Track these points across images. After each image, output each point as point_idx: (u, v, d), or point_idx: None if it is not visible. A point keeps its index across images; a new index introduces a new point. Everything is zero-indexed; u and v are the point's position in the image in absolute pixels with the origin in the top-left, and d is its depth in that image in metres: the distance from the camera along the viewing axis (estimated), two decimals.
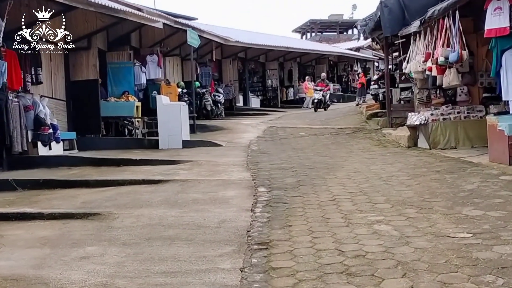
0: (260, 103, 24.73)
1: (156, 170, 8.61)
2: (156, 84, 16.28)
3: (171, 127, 11.66)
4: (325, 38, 45.09)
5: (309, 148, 10.89)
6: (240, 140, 12.37)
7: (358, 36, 13.84)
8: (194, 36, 14.91)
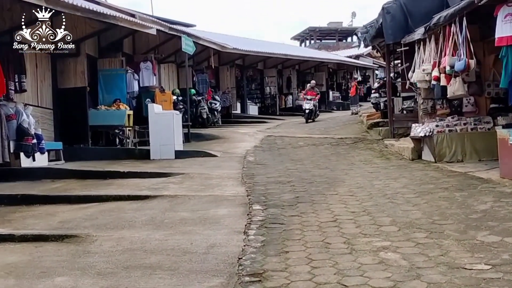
0: (258, 110, 24.26)
1: (145, 183, 8.10)
2: (150, 92, 15.79)
3: (163, 137, 11.16)
4: (324, 45, 44.74)
5: (308, 159, 10.39)
6: (236, 150, 11.87)
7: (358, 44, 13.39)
8: (189, 42, 14.45)
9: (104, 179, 8.73)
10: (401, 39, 10.10)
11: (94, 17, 10.36)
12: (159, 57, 16.64)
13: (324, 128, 15.44)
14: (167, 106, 15.46)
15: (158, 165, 10.11)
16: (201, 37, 17.47)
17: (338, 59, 29.79)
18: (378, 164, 9.44)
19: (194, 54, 19.06)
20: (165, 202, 6.71)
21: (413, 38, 9.47)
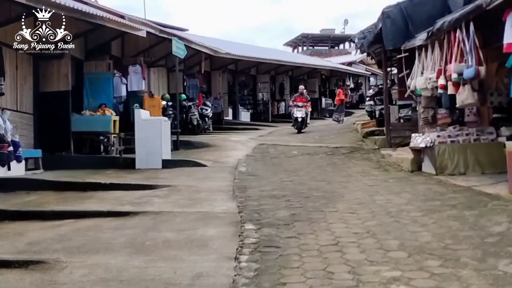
0: (251, 117, 23.67)
1: (127, 197, 7.45)
2: (139, 97, 15.14)
3: (150, 145, 10.51)
4: (316, 52, 44.32)
5: (303, 170, 9.80)
6: (227, 160, 11.25)
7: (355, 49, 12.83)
8: (180, 46, 13.85)
9: (84, 191, 8.06)
10: (401, 45, 9.57)
11: (80, 17, 9.74)
12: (148, 61, 16.01)
13: (318, 137, 14.87)
14: (156, 112, 14.84)
15: (144, 175, 9.46)
16: (193, 41, 16.88)
17: (331, 66, 29.33)
18: (376, 176, 8.87)
19: (186, 58, 18.43)
20: (148, 219, 6.07)
21: (414, 44, 8.94)
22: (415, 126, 11.66)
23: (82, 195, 7.80)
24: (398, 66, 12.19)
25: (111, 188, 8.23)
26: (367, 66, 32.56)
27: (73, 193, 7.92)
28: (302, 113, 16.84)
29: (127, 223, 5.98)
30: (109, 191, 8.08)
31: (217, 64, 21.35)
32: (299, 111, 16.89)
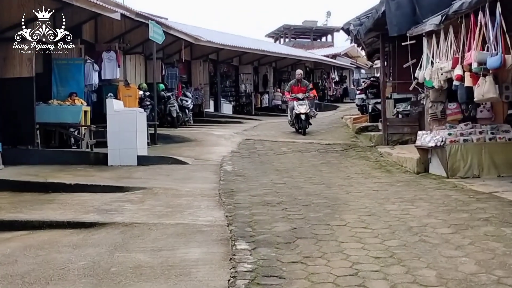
0: (233, 109, 22.47)
1: (94, 202, 6.24)
2: (113, 85, 13.86)
3: (124, 139, 9.28)
4: (298, 44, 43.16)
5: (296, 170, 8.71)
6: (211, 156, 10.09)
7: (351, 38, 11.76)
8: (158, 30, 12.57)
9: (45, 193, 6.83)
10: (406, 31, 8.52)
11: None
12: (124, 47, 14.68)
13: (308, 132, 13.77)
14: (131, 102, 13.59)
15: (116, 174, 8.23)
16: (172, 27, 15.57)
17: (316, 58, 28.29)
18: (379, 178, 7.84)
19: (164, 46, 17.13)
20: (117, 233, 4.89)
21: (423, 29, 7.88)
22: (415, 122, 10.73)
23: (42, 197, 6.56)
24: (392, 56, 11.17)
25: (77, 189, 7.01)
26: (352, 59, 31.67)
27: (32, 196, 6.68)
28: (306, 108, 12.91)
29: (90, 238, 4.79)
30: (75, 193, 6.86)
31: (198, 53, 20.07)
32: (301, 105, 12.85)
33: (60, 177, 7.74)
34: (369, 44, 16.49)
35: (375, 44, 16.50)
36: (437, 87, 7.97)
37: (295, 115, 13.02)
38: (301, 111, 12.87)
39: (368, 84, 14.39)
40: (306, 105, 13.02)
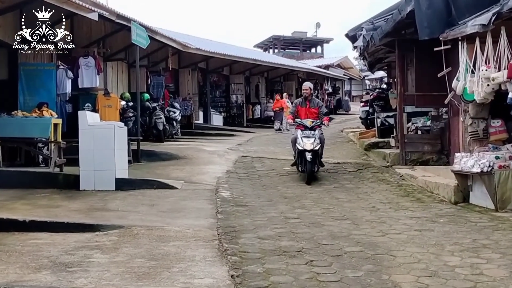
0: (223, 120, 20.89)
1: (53, 248, 4.60)
2: (91, 95, 12.21)
3: (99, 159, 7.64)
4: (288, 55, 41.96)
5: (307, 196, 7.16)
6: (203, 178, 8.50)
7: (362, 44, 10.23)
8: (142, 33, 10.98)
9: None
10: (440, 33, 7.08)
11: None
12: (104, 53, 13.07)
13: None
14: (112, 114, 11.98)
15: (87, 203, 6.58)
16: (158, 32, 13.98)
17: (309, 68, 26.93)
18: (413, 210, 6.32)
19: (150, 53, 15.56)
20: None
21: (464, 31, 6.42)
22: (436, 139, 9.29)
23: None
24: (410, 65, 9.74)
25: (34, 228, 5.35)
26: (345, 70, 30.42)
27: None
28: (316, 142, 8.25)
29: None
30: (30, 233, 5.21)
31: (186, 61, 18.49)
32: (308, 137, 8.30)
33: (15, 209, 6.07)
34: (371, 54, 15.19)
35: (378, 53, 15.19)
36: (478, 100, 6.52)
37: (298, 150, 8.30)
38: (307, 146, 8.12)
39: (374, 96, 12.99)
40: (316, 137, 8.24)
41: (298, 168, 8.49)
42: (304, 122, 8.59)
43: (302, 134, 8.37)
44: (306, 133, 8.38)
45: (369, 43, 9.77)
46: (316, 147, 8.20)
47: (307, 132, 8.40)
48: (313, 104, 8.97)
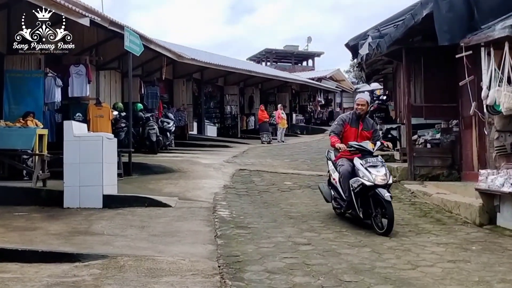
0: (217, 131, 19.94)
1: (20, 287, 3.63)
2: (82, 105, 11.26)
3: (86, 174, 6.68)
4: (280, 67, 41.15)
5: (315, 217, 6.24)
6: (199, 194, 7.56)
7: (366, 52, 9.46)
8: (135, 40, 10.07)
9: None
10: (461, 38, 6.26)
11: None
12: (97, 61, 12.12)
13: (310, 160, 11.35)
14: (104, 124, 11.03)
15: (69, 225, 5.60)
16: (152, 41, 13.07)
17: (303, 80, 26.13)
18: (436, 234, 5.42)
19: (144, 62, 14.65)
20: None
21: (491, 36, 5.59)
22: (447, 153, 8.44)
23: None
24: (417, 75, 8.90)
25: (2, 258, 4.37)
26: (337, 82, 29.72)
27: None
28: (387, 174, 5.73)
29: None
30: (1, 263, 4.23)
31: (181, 72, 17.59)
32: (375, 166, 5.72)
33: None
34: (369, 65, 14.40)
35: (376, 64, 14.43)
36: (505, 112, 5.68)
37: (359, 187, 5.64)
38: (379, 180, 5.55)
39: (375, 108, 12.16)
40: (385, 167, 5.80)
41: (353, 212, 5.77)
42: (364, 145, 5.80)
43: (365, 163, 5.61)
44: (372, 161, 5.65)
45: (373, 52, 8.93)
46: (390, 180, 5.61)
47: (371, 159, 5.68)
48: (367, 125, 6.13)
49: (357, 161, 5.75)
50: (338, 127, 6.14)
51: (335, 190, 6.11)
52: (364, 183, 5.52)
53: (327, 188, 6.44)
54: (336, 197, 6.09)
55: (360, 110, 6.09)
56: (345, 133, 6.09)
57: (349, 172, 5.79)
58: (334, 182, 6.12)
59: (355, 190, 5.62)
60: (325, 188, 6.50)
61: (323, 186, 6.61)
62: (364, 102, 6.13)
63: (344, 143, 5.96)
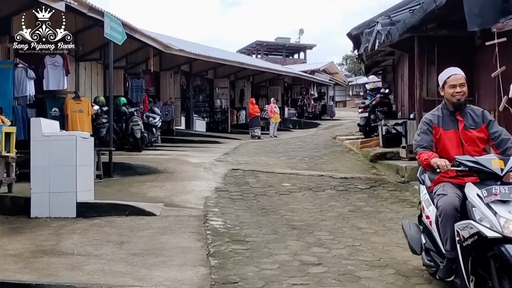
0: (207, 126, 19.07)
1: None
2: (59, 99, 10.33)
3: (56, 178, 5.82)
4: (271, 60, 40.29)
5: (321, 226, 5.45)
6: (188, 198, 6.74)
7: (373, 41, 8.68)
8: (117, 27, 9.14)
9: None
10: (493, 24, 5.48)
11: None
12: (76, 51, 11.17)
13: (308, 158, 10.54)
14: (83, 120, 10.15)
15: (33, 241, 4.73)
16: (137, 29, 12.16)
17: (295, 73, 25.31)
18: None
19: (128, 53, 13.70)
20: None
21: None
22: None
23: None
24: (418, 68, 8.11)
25: None
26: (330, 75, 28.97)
27: None
28: None
29: None
30: None
31: (168, 64, 16.65)
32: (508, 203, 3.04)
33: None
34: (369, 56, 13.65)
35: (377, 56, 13.67)
36: None
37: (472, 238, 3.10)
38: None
39: (377, 101, 11.40)
40: None
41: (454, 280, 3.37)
42: (484, 162, 3.24)
43: (488, 195, 3.10)
44: (501, 192, 3.08)
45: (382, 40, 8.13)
46: None
47: (500, 188, 3.10)
48: (473, 120, 3.58)
49: (472, 189, 3.22)
50: (425, 136, 3.57)
51: (428, 235, 3.68)
52: (482, 233, 3.00)
53: (415, 230, 3.94)
54: (430, 248, 3.64)
55: (460, 95, 3.54)
56: (440, 141, 3.56)
57: (455, 208, 3.30)
58: (428, 223, 3.65)
59: (465, 243, 3.12)
60: (413, 229, 3.97)
61: (408, 226, 4.04)
62: (464, 81, 3.59)
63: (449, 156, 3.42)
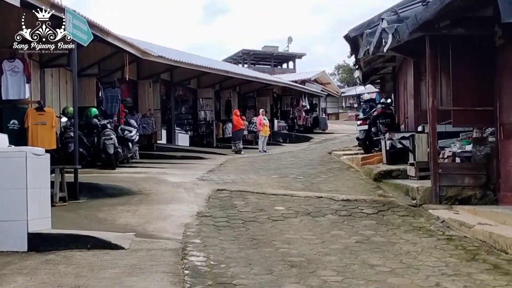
0: (190, 140, 18.29)
1: None
2: (20, 109, 9.51)
3: (2, 204, 4.98)
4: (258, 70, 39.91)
5: (325, 264, 4.68)
6: (164, 226, 5.95)
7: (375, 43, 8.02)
8: (81, 25, 8.35)
9: None
10: None
11: None
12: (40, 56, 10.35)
13: (303, 176, 9.79)
14: (45, 133, 9.37)
15: None
16: (110, 33, 11.41)
17: (285, 83, 24.76)
18: None
19: (101, 59, 12.94)
20: None
21: None
22: (480, 170, 7.09)
23: None
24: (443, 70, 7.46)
25: None
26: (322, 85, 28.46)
27: None
28: None
29: None
30: None
31: (147, 72, 15.94)
32: None
33: None
34: (367, 63, 13.10)
35: (376, 62, 13.11)
36: None
37: None
38: None
39: (378, 112, 10.77)
40: None
41: None
42: None
43: None
44: None
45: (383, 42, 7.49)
46: None
47: None
48: None
49: None
50: None
51: None
52: None
53: None
54: None
55: None
56: None
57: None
58: None
59: None
60: None
61: None
62: None
63: None
